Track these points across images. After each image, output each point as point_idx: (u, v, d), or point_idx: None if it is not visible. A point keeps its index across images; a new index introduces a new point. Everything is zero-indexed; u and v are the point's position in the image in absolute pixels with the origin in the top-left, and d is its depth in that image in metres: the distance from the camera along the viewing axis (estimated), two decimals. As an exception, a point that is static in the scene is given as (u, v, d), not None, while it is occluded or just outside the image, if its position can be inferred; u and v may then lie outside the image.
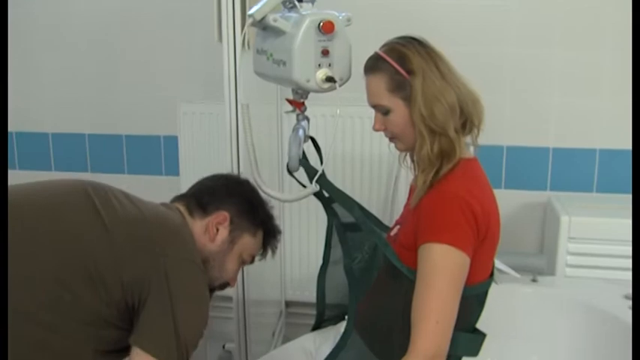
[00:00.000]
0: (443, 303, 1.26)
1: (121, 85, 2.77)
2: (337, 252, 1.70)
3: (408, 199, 1.50)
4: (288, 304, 2.83)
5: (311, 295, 1.85)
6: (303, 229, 2.78)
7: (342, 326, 1.53)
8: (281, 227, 2.72)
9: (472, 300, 1.39)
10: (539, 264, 2.18)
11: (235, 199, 1.44)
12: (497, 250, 1.43)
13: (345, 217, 1.47)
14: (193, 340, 1.25)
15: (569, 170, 2.48)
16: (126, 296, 1.21)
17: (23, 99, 2.83)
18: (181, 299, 1.23)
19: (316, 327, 1.78)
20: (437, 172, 1.33)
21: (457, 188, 1.31)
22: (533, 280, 2.13)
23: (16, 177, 1.40)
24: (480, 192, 1.34)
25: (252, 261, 1.48)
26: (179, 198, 1.45)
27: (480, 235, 1.31)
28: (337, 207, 1.46)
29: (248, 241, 1.44)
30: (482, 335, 1.43)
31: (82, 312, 1.19)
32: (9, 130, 2.88)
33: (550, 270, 2.25)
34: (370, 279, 1.43)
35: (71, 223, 1.22)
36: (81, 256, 1.19)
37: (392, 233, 1.48)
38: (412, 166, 1.46)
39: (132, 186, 1.36)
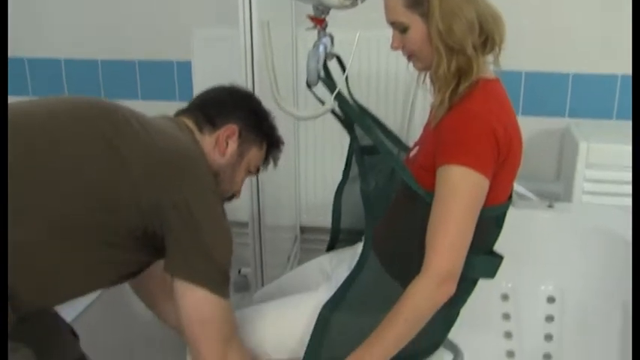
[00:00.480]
0: (458, 224, 1.26)
1: (134, 10, 2.73)
2: (357, 169, 1.70)
3: (428, 119, 1.48)
4: (302, 229, 2.85)
5: (325, 221, 1.85)
6: (318, 154, 2.77)
7: (358, 247, 1.54)
8: (297, 152, 2.76)
9: (490, 222, 1.38)
10: (556, 190, 2.17)
11: (242, 112, 1.43)
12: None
13: (363, 139, 1.46)
14: (227, 260, 1.27)
15: (589, 97, 2.45)
16: (146, 224, 1.21)
17: (36, 25, 2.81)
18: (207, 224, 1.23)
19: (331, 247, 1.80)
20: (454, 91, 1.30)
21: (478, 108, 1.29)
22: (550, 206, 2.12)
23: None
24: (502, 113, 1.32)
25: (257, 172, 1.50)
26: (184, 111, 1.44)
27: (500, 158, 1.29)
28: (356, 128, 1.45)
29: (255, 153, 1.45)
30: (500, 258, 1.43)
31: (98, 238, 1.19)
32: (22, 56, 2.86)
33: (567, 197, 2.25)
34: (387, 202, 1.43)
35: (86, 153, 1.19)
36: (97, 185, 1.18)
37: (411, 155, 1.46)
38: (431, 86, 1.43)
39: (145, 112, 1.34)
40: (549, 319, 2.03)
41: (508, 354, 2.00)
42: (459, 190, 1.26)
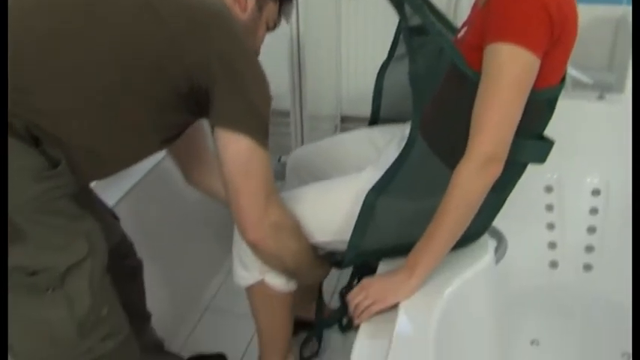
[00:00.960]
0: (505, 105, 1.22)
1: None
2: (403, 47, 1.67)
3: None
4: (343, 119, 2.83)
5: (366, 111, 1.83)
6: (360, 43, 2.72)
7: (406, 129, 1.53)
8: (338, 41, 2.69)
9: (541, 105, 1.34)
10: (609, 80, 2.10)
11: None
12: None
13: (412, 19, 1.40)
14: (268, 112, 1.27)
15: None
16: (191, 79, 1.20)
17: None
18: (249, 74, 1.24)
19: (372, 123, 1.81)
20: None
21: None
22: (600, 97, 2.05)
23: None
24: None
25: (274, 28, 1.47)
26: None
27: (553, 37, 1.23)
28: (406, 7, 1.39)
29: (271, 7, 1.43)
30: (551, 143, 1.39)
31: (145, 99, 1.20)
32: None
33: (619, 87, 2.17)
34: (435, 84, 1.39)
35: (126, 15, 1.17)
36: (139, 44, 1.16)
37: (459, 36, 1.41)
38: None
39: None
40: (593, 211, 2.02)
41: (550, 245, 2.01)
42: (507, 69, 1.21)
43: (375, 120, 1.81)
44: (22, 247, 1.10)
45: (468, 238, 1.42)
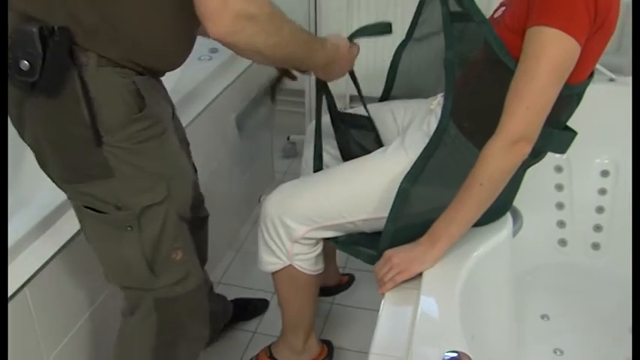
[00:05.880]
0: (539, 89, 1.24)
1: None
2: (423, 29, 1.70)
3: None
4: (352, 98, 2.85)
5: (375, 91, 1.85)
6: (371, 21, 2.73)
7: (423, 105, 1.56)
8: (349, 24, 2.72)
9: (572, 97, 1.38)
10: (619, 63, 2.13)
11: None
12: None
13: (453, 5, 1.40)
14: None
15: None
16: None
17: None
18: None
19: (382, 100, 1.83)
20: None
21: None
22: (611, 80, 2.08)
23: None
24: None
25: None
26: None
27: (596, 24, 1.25)
28: None
29: None
30: (574, 133, 1.43)
31: None
32: None
33: (628, 70, 2.20)
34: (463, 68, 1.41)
35: None
36: None
37: (496, 15, 1.43)
38: None
39: None
40: (602, 192, 2.05)
41: (559, 224, 2.04)
42: (547, 53, 1.23)
43: (385, 97, 1.84)
44: (109, 183, 1.20)
45: (493, 214, 1.45)
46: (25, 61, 1.09)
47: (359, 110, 1.76)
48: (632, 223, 1.56)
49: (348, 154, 1.73)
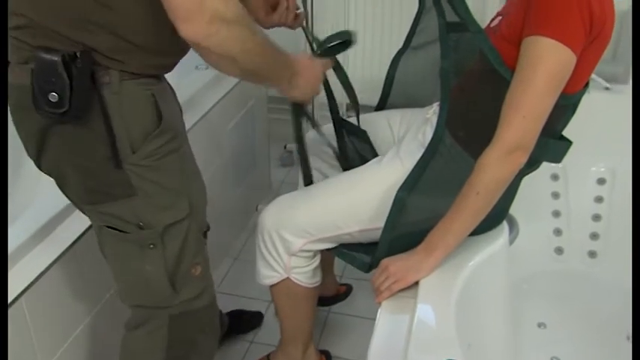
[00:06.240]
0: (535, 98, 1.25)
1: None
2: (420, 38, 1.70)
3: None
4: (348, 106, 2.85)
5: (370, 100, 1.87)
6: (368, 33, 2.75)
7: (420, 115, 1.55)
8: (347, 26, 2.73)
9: (568, 107, 1.38)
10: (615, 71, 2.13)
11: None
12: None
13: (450, 15, 1.39)
14: None
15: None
16: None
17: None
18: None
19: (379, 109, 1.83)
20: None
21: None
22: (606, 88, 2.09)
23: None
24: None
25: None
26: None
27: (592, 35, 1.25)
28: (444, 2, 1.39)
29: None
30: (570, 143, 1.44)
31: None
32: None
33: (624, 79, 2.21)
34: (459, 77, 1.41)
35: None
36: None
37: (493, 24, 1.43)
38: None
39: None
40: (598, 199, 2.06)
41: (556, 231, 2.05)
42: (544, 63, 1.24)
43: (382, 106, 1.84)
44: (132, 202, 1.21)
45: (489, 223, 1.45)
46: (54, 93, 1.09)
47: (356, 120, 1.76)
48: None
49: (347, 162, 1.73)
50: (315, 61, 1.47)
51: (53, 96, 1.09)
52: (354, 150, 1.73)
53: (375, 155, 1.69)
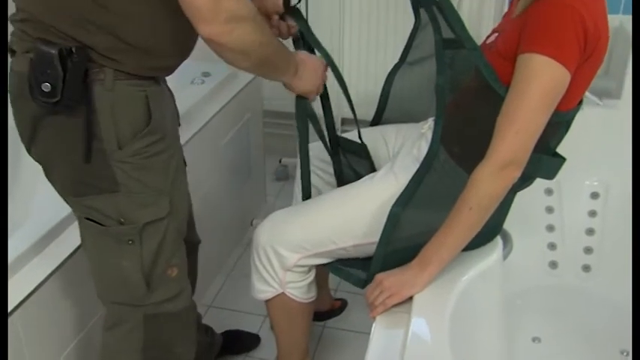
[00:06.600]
0: (529, 114, 1.26)
1: None
2: (416, 53, 1.71)
3: (510, 7, 1.46)
4: (343, 121, 2.87)
5: (366, 114, 1.88)
6: (362, 47, 2.77)
7: (415, 130, 1.56)
8: (340, 45, 2.74)
9: (562, 124, 1.39)
10: (607, 86, 2.15)
11: None
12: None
13: (446, 32, 1.40)
14: None
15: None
16: None
17: None
18: None
19: (374, 124, 1.84)
20: None
21: None
22: (599, 103, 2.11)
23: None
24: (595, 6, 1.28)
25: None
26: None
27: (586, 53, 1.27)
28: (440, 19, 1.40)
29: None
30: (563, 159, 1.45)
31: None
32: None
33: (616, 93, 2.22)
34: (454, 93, 1.42)
35: None
36: None
37: (488, 41, 1.44)
38: None
39: None
40: (592, 214, 2.06)
41: (550, 246, 2.05)
42: (538, 79, 1.25)
43: (377, 121, 1.85)
44: (115, 197, 1.26)
45: (483, 238, 1.46)
46: (47, 83, 1.15)
47: (354, 136, 1.77)
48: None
49: (342, 179, 1.74)
50: (311, 55, 1.53)
51: (46, 86, 1.15)
52: (349, 166, 1.74)
53: (373, 170, 1.70)
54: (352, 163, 1.74)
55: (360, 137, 1.74)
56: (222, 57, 1.24)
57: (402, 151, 1.60)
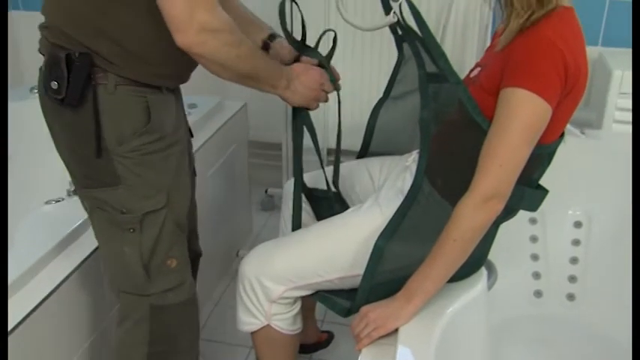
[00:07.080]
0: (511, 148, 1.28)
1: None
2: (400, 87, 1.73)
3: (493, 41, 1.48)
4: (329, 151, 2.88)
5: (352, 144, 1.90)
6: (348, 84, 2.78)
7: (400, 162, 1.57)
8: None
9: (544, 157, 1.41)
10: (588, 117, 2.19)
11: None
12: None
13: (430, 66, 1.42)
14: None
15: (626, 24, 2.41)
16: None
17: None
18: None
19: (360, 157, 1.86)
20: (530, 16, 1.29)
21: (553, 35, 1.28)
22: (582, 133, 2.14)
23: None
24: (575, 43, 1.31)
25: None
26: None
27: (566, 88, 1.29)
28: (423, 53, 1.43)
29: None
30: (546, 192, 1.46)
31: None
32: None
33: (597, 124, 2.26)
34: (438, 126, 1.44)
35: None
36: None
37: (472, 75, 1.47)
38: (501, 10, 1.41)
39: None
40: (575, 242, 2.08)
41: (534, 275, 2.07)
42: (520, 113, 1.27)
43: (363, 154, 1.87)
44: (116, 190, 1.36)
45: (469, 267, 1.46)
46: (55, 82, 1.29)
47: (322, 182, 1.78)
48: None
49: (320, 217, 1.76)
50: (309, 66, 1.55)
51: (54, 84, 1.29)
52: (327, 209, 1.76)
53: (346, 208, 1.71)
54: (322, 210, 1.78)
55: (328, 186, 1.76)
56: (206, 68, 1.31)
57: (386, 183, 1.61)
